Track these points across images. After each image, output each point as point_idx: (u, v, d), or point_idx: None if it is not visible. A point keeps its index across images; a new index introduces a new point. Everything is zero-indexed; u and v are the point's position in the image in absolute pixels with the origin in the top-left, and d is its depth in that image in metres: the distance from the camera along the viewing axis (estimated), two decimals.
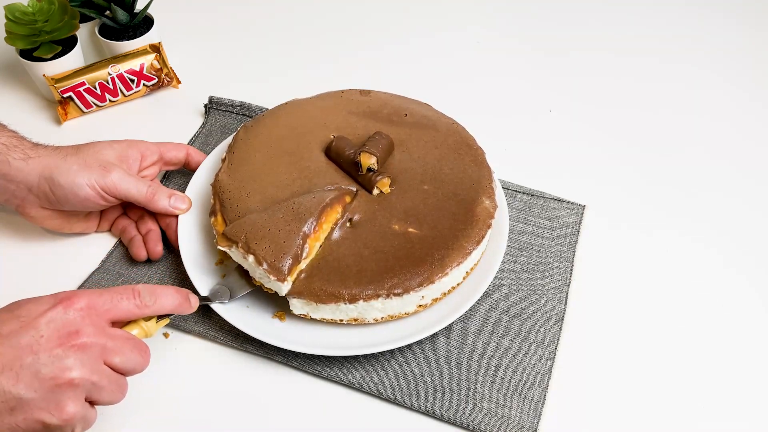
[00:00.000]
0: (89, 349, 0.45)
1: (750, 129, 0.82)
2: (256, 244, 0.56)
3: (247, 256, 0.56)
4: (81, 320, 0.46)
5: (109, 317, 0.48)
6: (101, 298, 0.48)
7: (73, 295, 0.47)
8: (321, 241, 0.59)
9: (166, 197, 0.64)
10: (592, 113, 0.84)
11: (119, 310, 0.48)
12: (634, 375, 0.59)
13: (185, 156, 0.70)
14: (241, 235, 0.57)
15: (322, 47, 0.93)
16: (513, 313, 0.62)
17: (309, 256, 0.58)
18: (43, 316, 0.45)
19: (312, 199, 0.60)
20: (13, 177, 0.59)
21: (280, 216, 0.58)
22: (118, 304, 0.48)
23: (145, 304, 0.50)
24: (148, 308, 0.50)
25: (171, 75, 0.84)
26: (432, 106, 0.72)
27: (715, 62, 0.92)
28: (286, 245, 0.56)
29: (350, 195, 0.62)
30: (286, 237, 0.57)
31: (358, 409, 0.57)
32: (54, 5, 0.75)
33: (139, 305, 0.49)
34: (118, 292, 0.49)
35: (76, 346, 0.45)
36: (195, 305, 0.55)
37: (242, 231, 0.57)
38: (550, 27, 0.97)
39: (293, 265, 0.56)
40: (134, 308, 0.49)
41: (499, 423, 0.55)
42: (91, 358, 0.45)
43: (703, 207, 0.73)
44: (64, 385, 0.44)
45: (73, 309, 0.46)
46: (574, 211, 0.70)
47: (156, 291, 0.51)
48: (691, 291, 0.65)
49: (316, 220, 0.58)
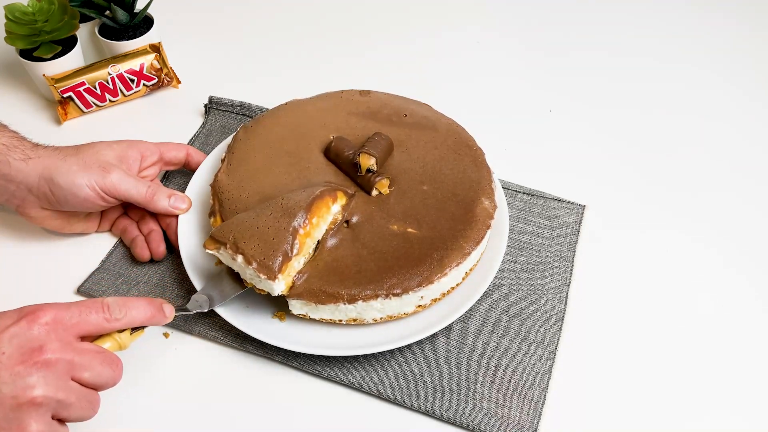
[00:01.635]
0: (54, 365, 0.44)
1: (750, 129, 0.82)
2: (244, 243, 0.55)
3: (236, 257, 0.55)
4: (46, 335, 0.44)
5: (76, 332, 0.46)
6: (68, 312, 0.46)
7: (39, 309, 0.45)
8: (314, 239, 0.58)
9: (166, 197, 0.64)
10: (592, 113, 0.84)
11: (87, 324, 0.47)
12: (634, 375, 0.59)
13: (185, 156, 0.70)
14: (229, 235, 0.56)
15: (322, 47, 0.93)
16: (513, 313, 0.62)
17: (300, 253, 0.56)
18: (6, 331, 0.43)
19: (302, 194, 0.58)
20: (13, 177, 0.59)
21: (269, 213, 0.57)
22: (87, 317, 0.47)
23: (114, 317, 0.48)
24: (118, 321, 0.49)
25: (171, 75, 0.84)
26: (432, 107, 0.72)
27: (715, 62, 0.92)
28: (275, 242, 0.55)
29: (344, 192, 0.61)
30: (275, 234, 0.55)
31: (358, 409, 0.57)
32: (54, 5, 0.75)
33: (108, 319, 0.48)
34: (86, 305, 0.47)
35: (40, 363, 0.43)
36: (170, 316, 0.53)
37: (230, 231, 0.56)
38: (550, 27, 0.97)
39: (284, 262, 0.55)
40: (103, 322, 0.48)
41: (499, 423, 0.55)
42: (57, 375, 0.44)
43: (703, 207, 0.73)
44: (26, 405, 0.42)
45: (38, 324, 0.44)
46: (574, 211, 0.70)
47: (127, 303, 0.50)
48: (691, 291, 0.65)
49: (306, 213, 0.56)
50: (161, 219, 0.66)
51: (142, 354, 0.58)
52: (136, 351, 0.58)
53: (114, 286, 0.63)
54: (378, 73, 0.89)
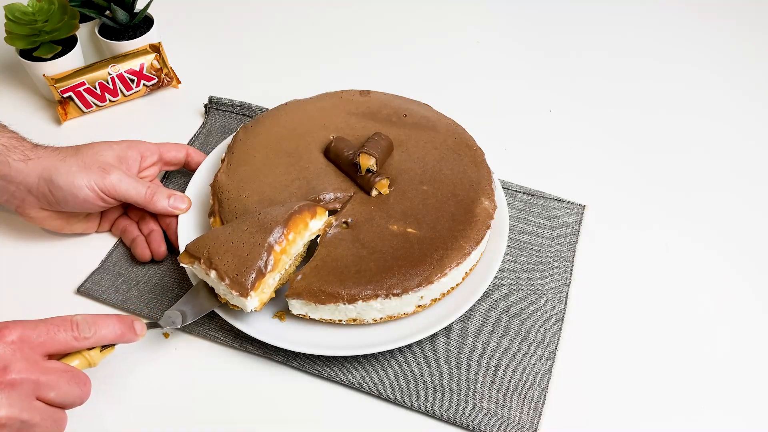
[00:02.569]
0: (19, 386, 0.43)
1: (749, 129, 0.82)
2: (218, 258, 0.54)
3: (209, 272, 0.54)
4: (11, 355, 0.44)
5: (44, 350, 0.46)
6: (35, 330, 0.46)
7: (4, 328, 0.45)
8: (290, 255, 0.57)
9: (166, 198, 0.64)
10: (592, 113, 0.84)
11: (55, 343, 0.46)
12: (634, 375, 0.59)
13: (185, 156, 0.70)
14: (204, 250, 0.55)
15: (322, 48, 0.93)
16: (513, 313, 0.62)
17: (275, 269, 0.55)
18: None
19: (280, 209, 0.57)
20: (13, 178, 0.59)
21: (245, 228, 0.56)
22: (54, 336, 0.46)
23: (83, 336, 0.48)
24: (87, 340, 0.48)
25: (171, 75, 0.84)
26: (431, 107, 0.72)
27: (714, 62, 0.92)
28: (249, 258, 0.54)
29: (325, 209, 0.60)
30: (250, 250, 0.54)
31: (358, 409, 0.57)
32: (54, 5, 0.75)
33: (76, 337, 0.47)
34: (54, 323, 0.47)
35: (4, 383, 0.42)
36: (141, 333, 0.52)
37: (204, 246, 0.55)
38: (550, 27, 0.97)
39: (257, 278, 0.53)
40: (72, 340, 0.47)
41: (499, 423, 0.55)
42: (21, 396, 0.43)
43: (702, 207, 0.73)
44: None
45: (3, 343, 0.44)
46: (574, 211, 0.70)
47: (97, 322, 0.49)
48: (691, 291, 0.65)
49: (283, 228, 0.55)
50: (161, 219, 0.66)
51: (142, 354, 0.58)
52: (136, 350, 0.58)
53: (114, 286, 0.63)
54: (378, 73, 0.89)
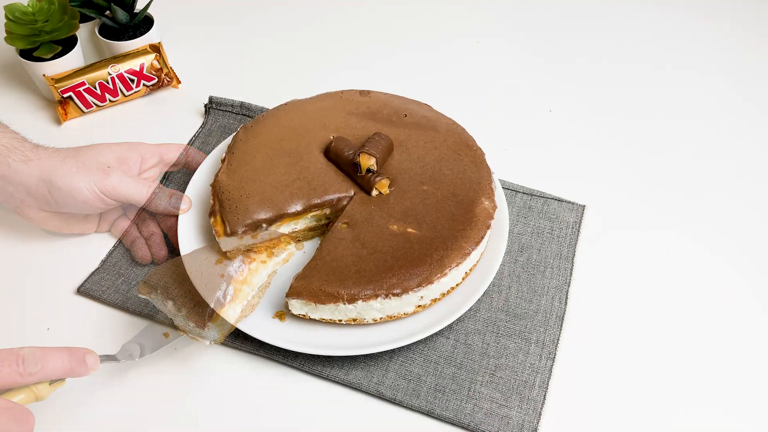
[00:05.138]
0: None
1: (748, 130, 0.82)
2: (176, 289, 0.53)
3: (165, 302, 0.53)
4: None
5: None
6: None
7: None
8: (252, 286, 0.55)
9: (166, 198, 0.64)
10: (592, 113, 0.84)
11: None
12: (634, 375, 0.59)
13: (185, 157, 0.70)
14: (162, 280, 0.54)
15: (322, 47, 0.93)
16: (513, 313, 0.62)
17: (235, 300, 0.54)
18: None
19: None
20: (12, 179, 0.59)
21: (204, 258, 0.55)
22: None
23: (28, 371, 0.45)
24: (33, 376, 0.46)
25: (171, 75, 0.84)
26: (432, 107, 0.72)
27: (713, 64, 0.92)
28: (207, 288, 0.52)
29: (290, 237, 0.60)
30: (209, 279, 0.53)
31: (358, 409, 0.57)
32: (54, 5, 0.75)
33: (21, 373, 0.45)
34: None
35: None
36: (93, 367, 0.49)
37: (163, 276, 0.55)
38: (550, 28, 0.97)
39: (215, 309, 0.53)
40: (16, 376, 0.45)
41: (499, 423, 0.55)
42: None
43: (702, 207, 0.73)
44: None
45: None
46: (574, 211, 0.70)
47: (45, 356, 0.46)
48: (691, 291, 0.65)
49: (243, 258, 0.55)
50: (161, 220, 0.66)
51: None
52: None
53: (114, 286, 0.63)
54: (378, 73, 0.89)
